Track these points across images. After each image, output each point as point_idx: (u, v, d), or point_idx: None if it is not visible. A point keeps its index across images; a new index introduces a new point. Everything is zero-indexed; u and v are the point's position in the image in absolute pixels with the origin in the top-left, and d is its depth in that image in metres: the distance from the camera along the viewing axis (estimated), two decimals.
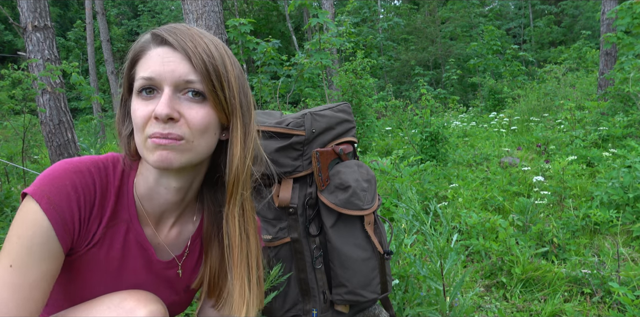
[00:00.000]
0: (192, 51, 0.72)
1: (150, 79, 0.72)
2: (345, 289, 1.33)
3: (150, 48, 0.74)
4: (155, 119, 0.71)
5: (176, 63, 0.72)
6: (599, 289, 1.86)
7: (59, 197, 0.71)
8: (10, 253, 0.69)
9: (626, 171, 2.66)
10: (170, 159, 0.72)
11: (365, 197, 1.33)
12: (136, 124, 0.73)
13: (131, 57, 0.76)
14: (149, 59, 0.73)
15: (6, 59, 21.62)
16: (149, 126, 0.71)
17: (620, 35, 4.92)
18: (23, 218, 0.70)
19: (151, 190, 0.81)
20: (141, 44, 0.76)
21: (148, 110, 0.72)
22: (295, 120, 1.34)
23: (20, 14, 4.10)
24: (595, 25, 17.32)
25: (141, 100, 0.73)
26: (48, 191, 0.70)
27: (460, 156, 4.38)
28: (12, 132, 6.83)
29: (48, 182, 0.71)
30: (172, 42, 0.73)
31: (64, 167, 0.74)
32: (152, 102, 0.72)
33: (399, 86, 17.66)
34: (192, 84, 0.72)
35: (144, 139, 0.72)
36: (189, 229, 0.90)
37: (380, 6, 20.58)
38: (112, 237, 0.79)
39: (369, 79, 5.85)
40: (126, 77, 0.77)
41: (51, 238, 0.70)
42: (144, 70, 0.73)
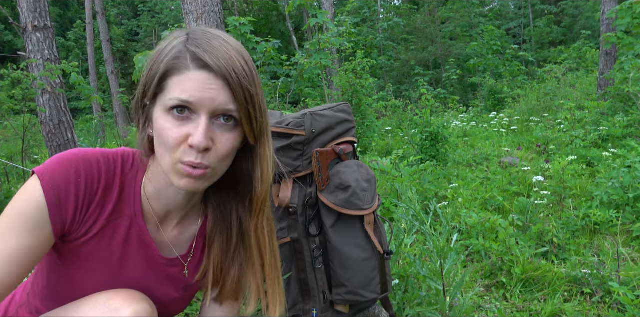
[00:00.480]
0: (233, 80, 0.71)
1: (189, 103, 0.70)
2: (345, 289, 1.33)
3: (189, 68, 0.70)
4: (190, 146, 0.70)
5: (217, 91, 0.70)
6: (599, 289, 1.86)
7: (60, 179, 0.72)
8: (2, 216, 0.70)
9: (626, 171, 2.66)
10: (195, 186, 0.74)
11: (365, 197, 1.33)
12: (166, 144, 0.72)
13: (164, 70, 0.72)
14: (188, 81, 0.70)
15: (6, 59, 21.62)
16: (182, 151, 0.71)
17: (620, 35, 4.92)
18: (22, 191, 0.72)
19: (160, 191, 0.82)
20: (176, 59, 0.72)
21: (182, 134, 0.71)
22: (295, 120, 1.34)
23: (20, 14, 4.10)
24: (595, 25, 17.32)
25: (172, 119, 0.71)
26: (52, 170, 0.72)
27: (460, 156, 4.38)
28: (12, 132, 6.83)
29: (56, 163, 0.73)
30: (214, 68, 0.70)
31: (75, 153, 0.75)
32: (184, 124, 0.71)
33: (399, 86, 17.66)
34: (230, 112, 0.72)
35: (174, 161, 0.72)
36: (191, 229, 0.91)
37: (380, 6, 20.58)
38: (114, 231, 0.80)
39: (369, 79, 5.85)
40: (154, 86, 0.73)
41: (42, 213, 0.71)
42: (182, 92, 0.70)
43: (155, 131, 0.74)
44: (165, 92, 0.72)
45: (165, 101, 0.71)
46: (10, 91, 4.48)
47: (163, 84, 0.73)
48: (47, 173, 0.72)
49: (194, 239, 0.91)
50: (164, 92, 0.72)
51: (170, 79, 0.71)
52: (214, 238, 0.90)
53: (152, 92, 0.74)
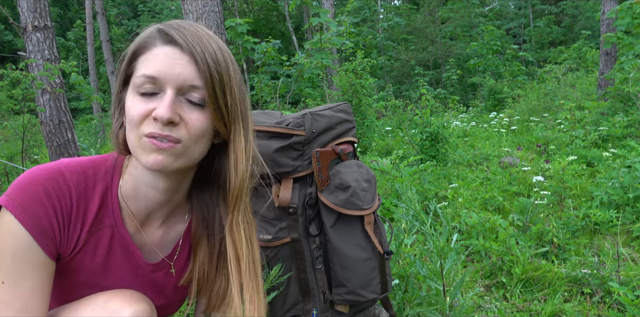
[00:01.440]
0: (199, 56, 0.70)
1: (153, 79, 0.69)
2: (345, 289, 1.33)
3: (155, 45, 0.71)
4: (154, 119, 0.69)
5: (183, 66, 0.70)
6: (599, 289, 1.86)
7: (32, 206, 0.68)
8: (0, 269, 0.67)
9: (626, 171, 2.66)
10: (164, 163, 0.70)
11: (365, 197, 1.33)
12: (131, 121, 0.71)
13: (133, 50, 0.73)
14: (154, 57, 0.70)
15: (6, 59, 21.62)
16: (146, 124, 0.70)
17: (620, 35, 4.92)
18: (2, 230, 0.68)
19: (138, 189, 0.79)
20: (145, 38, 0.73)
21: (146, 109, 0.70)
22: (295, 120, 1.34)
23: (20, 14, 4.10)
24: (595, 25, 17.32)
25: (139, 97, 0.71)
26: (20, 200, 0.68)
27: (460, 156, 4.38)
28: (12, 132, 6.83)
29: (20, 190, 0.69)
30: (181, 43, 0.70)
31: (36, 174, 0.71)
32: (150, 101, 0.70)
33: (399, 86, 17.66)
34: (196, 90, 0.71)
35: (138, 136, 0.70)
36: (177, 229, 0.88)
37: (380, 6, 20.57)
38: (97, 243, 0.77)
39: (369, 79, 5.85)
40: (124, 69, 0.74)
41: (34, 248, 0.69)
42: (147, 68, 0.70)
43: (125, 114, 0.73)
44: (134, 72, 0.73)
45: (134, 80, 0.72)
46: (10, 91, 4.48)
47: (132, 65, 0.73)
48: (17, 204, 0.68)
49: (180, 238, 0.88)
50: (134, 74, 0.73)
51: (139, 59, 0.72)
52: (199, 242, 0.87)
53: (122, 77, 0.74)
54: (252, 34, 17.89)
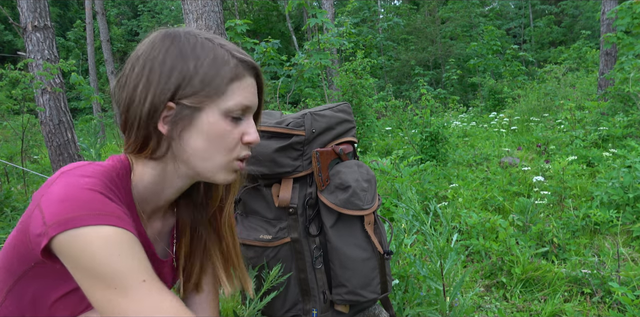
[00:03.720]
0: (264, 83, 0.84)
1: (248, 108, 0.79)
2: (345, 289, 1.33)
3: (246, 75, 0.79)
4: (247, 143, 0.80)
5: (256, 94, 0.83)
6: (599, 289, 1.86)
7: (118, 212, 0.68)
8: (129, 273, 0.66)
9: (626, 171, 2.66)
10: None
11: (365, 197, 1.33)
12: (227, 144, 0.78)
13: (232, 75, 0.77)
14: (247, 87, 0.79)
15: (6, 59, 21.62)
16: (239, 149, 0.80)
17: (620, 35, 4.92)
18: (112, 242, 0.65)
19: (160, 191, 0.82)
20: (237, 67, 0.78)
21: (239, 134, 0.79)
22: (295, 120, 1.34)
23: (20, 14, 4.10)
24: (595, 25, 17.33)
25: (230, 122, 0.78)
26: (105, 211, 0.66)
27: (460, 156, 4.38)
28: (12, 132, 6.82)
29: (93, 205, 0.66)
30: (261, 76, 0.82)
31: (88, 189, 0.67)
32: (238, 125, 0.79)
33: (399, 86, 17.66)
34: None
35: (230, 159, 0.79)
36: (169, 222, 0.92)
37: (380, 6, 20.58)
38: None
39: (369, 79, 5.85)
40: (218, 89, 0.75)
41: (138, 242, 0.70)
42: (244, 98, 0.78)
43: (207, 135, 0.76)
44: (223, 96, 0.76)
45: (227, 105, 0.77)
46: (10, 91, 4.48)
47: (225, 89, 0.77)
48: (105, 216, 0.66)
49: (173, 231, 0.93)
50: (223, 97, 0.76)
51: (233, 85, 0.77)
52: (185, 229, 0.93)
53: (209, 95, 0.75)
54: (252, 34, 17.91)
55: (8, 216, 2.79)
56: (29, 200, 2.97)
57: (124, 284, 0.65)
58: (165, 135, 0.76)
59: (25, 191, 3.61)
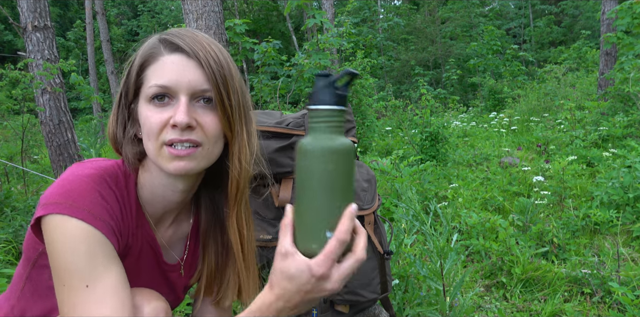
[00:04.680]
0: (204, 60, 0.74)
1: (166, 88, 0.73)
2: (345, 289, 1.33)
3: (162, 54, 0.75)
4: (172, 126, 0.72)
5: (191, 72, 0.74)
6: (599, 289, 1.86)
7: (98, 209, 0.69)
8: (76, 274, 0.66)
9: (626, 171, 2.66)
10: (187, 168, 0.74)
11: (365, 197, 1.33)
12: (150, 130, 0.73)
13: (140, 62, 0.76)
14: (163, 66, 0.74)
15: (6, 59, 21.63)
16: (165, 133, 0.73)
17: (620, 35, 4.92)
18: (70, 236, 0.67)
19: (155, 193, 0.81)
20: (149, 49, 0.76)
21: (163, 118, 0.73)
22: (295, 120, 1.34)
23: (20, 14, 4.10)
24: (595, 25, 17.32)
25: (153, 107, 0.74)
26: (83, 204, 0.68)
27: (460, 156, 4.38)
28: (12, 132, 6.83)
29: (79, 196, 0.69)
30: (187, 50, 0.74)
31: (84, 180, 0.71)
32: (166, 110, 0.73)
33: (399, 86, 17.65)
34: (206, 93, 0.75)
35: (158, 146, 0.73)
36: (183, 229, 0.91)
37: (380, 6, 20.58)
38: (135, 247, 0.80)
39: (369, 79, 5.85)
40: (134, 81, 0.76)
41: (108, 245, 0.69)
42: (159, 78, 0.73)
43: (141, 125, 0.76)
44: (144, 83, 0.75)
45: (146, 91, 0.74)
46: (10, 91, 4.48)
47: (142, 76, 0.76)
48: (82, 209, 0.67)
49: (187, 238, 0.91)
50: (144, 84, 0.75)
51: (147, 69, 0.75)
52: (209, 241, 0.90)
53: (133, 89, 0.76)
54: (252, 34, 17.90)
55: (8, 216, 2.79)
56: (29, 200, 2.97)
57: (70, 284, 0.66)
58: (138, 137, 0.79)
59: (26, 191, 3.61)
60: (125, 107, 0.80)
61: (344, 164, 0.62)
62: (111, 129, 0.81)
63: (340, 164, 0.61)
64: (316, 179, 0.61)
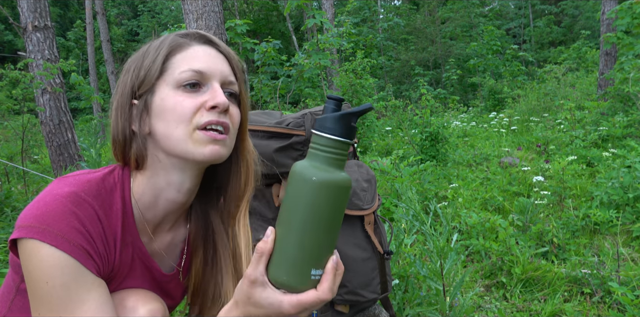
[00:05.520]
0: (231, 55, 0.78)
1: (201, 73, 0.72)
2: (345, 289, 1.33)
3: (192, 44, 0.76)
4: (211, 108, 0.71)
5: (222, 63, 0.76)
6: (599, 289, 1.86)
7: (73, 234, 0.66)
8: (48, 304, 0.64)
9: (626, 171, 2.66)
10: (220, 152, 0.73)
11: (365, 197, 1.33)
12: (182, 115, 0.71)
13: (167, 51, 0.75)
14: (196, 54, 0.74)
15: (6, 59, 21.62)
16: (199, 116, 0.71)
17: (620, 35, 4.92)
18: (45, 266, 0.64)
19: (159, 196, 0.77)
20: (173, 41, 0.76)
21: (198, 102, 0.72)
22: (295, 121, 1.34)
23: (20, 14, 4.10)
24: (595, 25, 17.32)
25: (183, 92, 0.72)
26: (58, 229, 0.65)
27: (460, 156, 4.38)
28: (12, 132, 6.83)
29: (53, 220, 0.65)
30: (217, 43, 0.77)
31: (60, 201, 0.67)
32: (198, 95, 0.72)
33: (399, 86, 17.65)
34: (232, 85, 0.77)
35: (190, 130, 0.71)
36: (181, 233, 0.87)
37: (380, 6, 20.58)
38: (123, 261, 0.77)
39: (369, 79, 5.86)
40: (157, 70, 0.73)
41: (85, 273, 0.66)
42: (192, 63, 0.73)
43: (162, 114, 0.72)
44: (170, 71, 0.73)
45: (174, 77, 0.73)
46: (10, 91, 4.48)
47: (166, 64, 0.74)
48: (56, 235, 0.64)
49: (185, 243, 0.88)
50: (169, 71, 0.74)
51: (175, 57, 0.74)
52: (197, 246, 0.87)
53: (151, 81, 0.74)
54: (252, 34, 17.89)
55: (8, 216, 2.80)
56: (29, 200, 2.97)
57: (44, 313, 0.65)
58: (139, 133, 0.75)
59: (26, 191, 3.61)
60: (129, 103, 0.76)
61: (340, 200, 0.59)
62: (119, 132, 0.76)
63: (336, 200, 0.58)
64: (308, 210, 0.58)
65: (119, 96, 0.77)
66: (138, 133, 0.76)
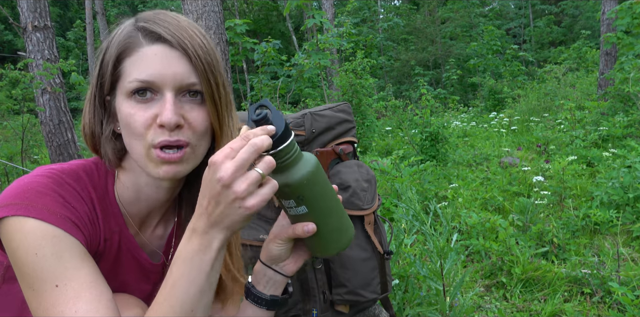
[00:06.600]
0: (190, 50, 0.67)
1: (149, 83, 0.66)
2: (345, 289, 1.33)
3: (141, 45, 0.67)
4: (160, 126, 0.66)
5: (177, 65, 0.67)
6: (599, 289, 1.86)
7: (59, 207, 0.64)
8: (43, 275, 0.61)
9: (626, 171, 2.66)
10: (175, 171, 0.69)
11: (365, 197, 1.33)
12: (134, 130, 0.67)
13: (117, 53, 0.68)
14: (144, 59, 0.66)
15: (6, 59, 21.62)
16: (152, 134, 0.66)
17: (620, 35, 4.92)
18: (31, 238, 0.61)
19: (140, 191, 0.76)
20: (126, 37, 0.69)
21: (148, 116, 0.66)
22: (295, 120, 1.34)
23: (20, 14, 4.10)
24: (595, 25, 17.32)
25: (135, 103, 0.67)
26: (43, 204, 0.63)
27: (460, 156, 4.38)
28: (12, 132, 6.82)
29: (37, 196, 0.63)
30: (170, 39, 0.67)
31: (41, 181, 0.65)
32: (149, 106, 0.67)
33: (399, 86, 17.66)
34: (193, 86, 0.69)
35: (146, 147, 0.67)
36: (172, 226, 0.87)
37: (380, 6, 20.58)
38: (110, 249, 0.75)
39: (369, 79, 5.86)
40: (110, 74, 0.69)
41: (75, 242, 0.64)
42: (140, 72, 0.66)
43: (120, 123, 0.69)
44: (122, 77, 0.68)
45: (125, 86, 0.67)
46: (10, 91, 4.48)
47: (119, 69, 0.68)
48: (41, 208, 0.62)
49: (172, 236, 0.87)
50: (122, 78, 0.68)
51: (125, 61, 0.68)
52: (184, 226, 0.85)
53: (109, 82, 0.69)
54: (252, 34, 17.88)
55: None
56: None
57: (39, 287, 0.62)
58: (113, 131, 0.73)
59: None
60: (101, 101, 0.73)
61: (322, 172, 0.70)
62: (87, 125, 0.73)
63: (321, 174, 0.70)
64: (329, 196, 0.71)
65: (92, 90, 0.72)
66: (111, 130, 0.73)
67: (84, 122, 0.75)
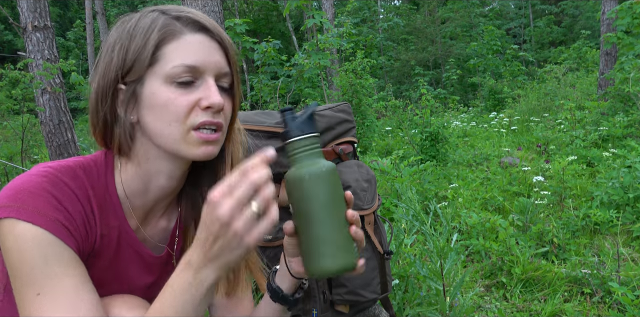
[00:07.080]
0: (226, 42, 0.73)
1: (195, 68, 0.69)
2: (345, 289, 1.33)
3: (184, 32, 0.70)
4: (205, 108, 0.69)
5: (216, 54, 0.72)
6: (599, 289, 1.86)
7: (50, 210, 0.65)
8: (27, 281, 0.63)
9: (626, 171, 2.66)
10: (213, 152, 0.72)
11: (365, 197, 1.33)
12: (174, 114, 0.69)
13: (158, 39, 0.69)
14: (189, 45, 0.69)
15: (6, 59, 21.62)
16: (194, 116, 0.69)
17: (620, 35, 4.92)
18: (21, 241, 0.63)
19: (149, 182, 0.76)
20: (164, 25, 0.70)
21: (192, 100, 0.69)
22: None
23: (20, 14, 4.10)
24: (595, 25, 17.32)
25: (175, 88, 0.69)
26: (34, 206, 0.64)
27: (460, 156, 4.38)
28: (12, 132, 6.82)
29: (29, 197, 0.64)
30: (212, 30, 0.71)
31: (35, 180, 0.66)
32: (191, 91, 0.69)
33: (399, 86, 17.66)
34: (227, 77, 0.74)
35: (185, 130, 0.69)
36: (174, 218, 0.87)
37: (380, 6, 20.59)
38: (107, 245, 0.75)
39: (369, 79, 5.86)
40: (148, 57, 0.69)
41: (63, 248, 0.65)
42: (186, 57, 0.68)
43: (152, 108, 0.70)
44: (161, 62, 0.69)
45: (166, 71, 0.68)
46: (10, 91, 4.48)
47: (157, 54, 0.69)
48: (32, 211, 0.63)
49: (175, 227, 0.87)
50: (160, 63, 0.69)
51: (166, 48, 0.69)
52: (188, 227, 0.86)
53: (139, 68, 0.69)
54: (252, 34, 17.88)
55: None
56: None
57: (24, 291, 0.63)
58: (125, 120, 0.73)
59: None
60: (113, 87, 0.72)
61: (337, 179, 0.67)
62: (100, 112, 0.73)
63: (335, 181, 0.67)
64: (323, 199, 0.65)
65: (100, 77, 0.72)
66: (123, 119, 0.73)
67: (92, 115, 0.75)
